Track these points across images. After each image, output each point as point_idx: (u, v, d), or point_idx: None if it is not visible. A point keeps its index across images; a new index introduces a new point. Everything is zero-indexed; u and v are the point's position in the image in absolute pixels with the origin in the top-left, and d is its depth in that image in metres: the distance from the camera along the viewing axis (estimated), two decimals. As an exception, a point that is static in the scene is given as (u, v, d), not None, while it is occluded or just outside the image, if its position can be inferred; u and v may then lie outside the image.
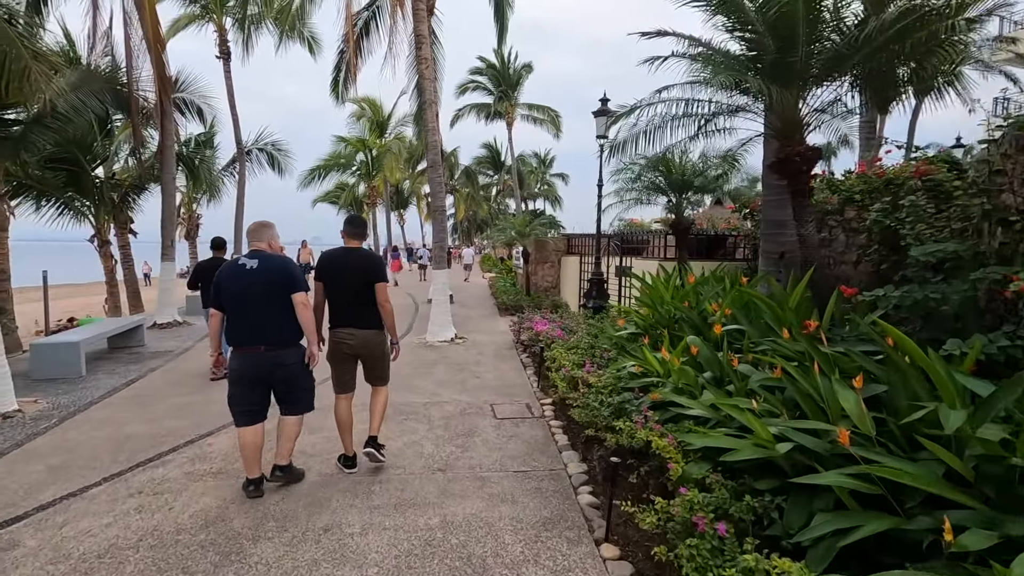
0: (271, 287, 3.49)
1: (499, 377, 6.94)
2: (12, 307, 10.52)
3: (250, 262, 3.51)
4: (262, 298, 3.47)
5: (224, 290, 3.52)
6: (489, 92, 34.86)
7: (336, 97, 17.88)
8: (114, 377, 6.79)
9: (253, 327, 3.48)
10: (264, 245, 3.65)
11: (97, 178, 13.96)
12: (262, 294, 3.47)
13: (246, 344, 3.49)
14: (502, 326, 11.34)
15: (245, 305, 3.48)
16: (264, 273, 3.49)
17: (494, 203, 60.17)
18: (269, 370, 3.52)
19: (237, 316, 3.51)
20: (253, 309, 3.47)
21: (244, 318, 3.49)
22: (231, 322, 3.54)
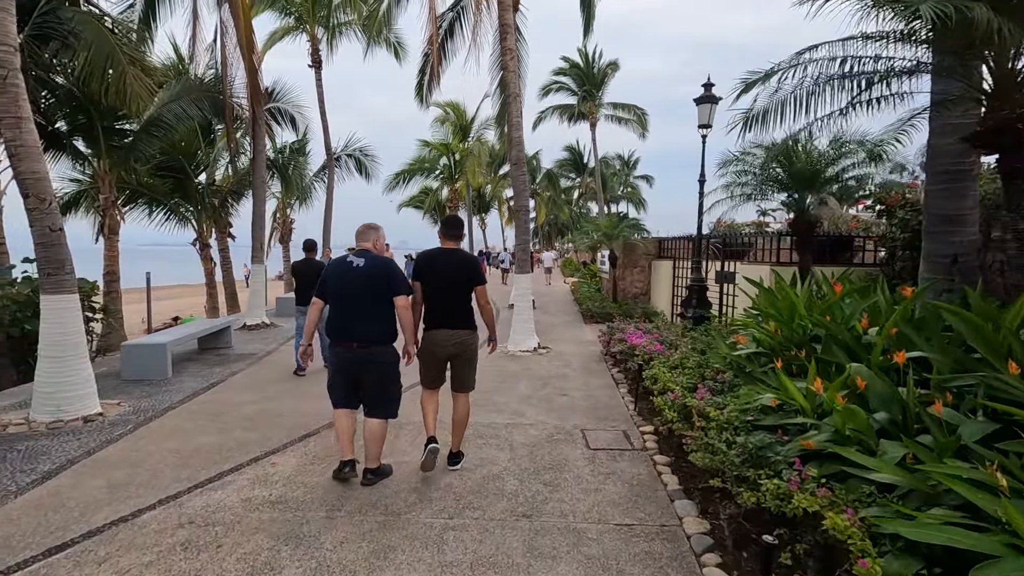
0: (373, 287, 3.59)
1: (589, 396, 6.16)
2: (120, 307, 11.13)
3: (357, 260, 3.64)
4: (362, 296, 3.58)
5: (330, 284, 3.68)
6: (572, 93, 34.09)
7: (420, 100, 17.87)
8: (196, 380, 6.73)
9: (350, 323, 3.59)
10: (369, 245, 3.75)
11: (199, 184, 14.70)
12: (363, 292, 3.58)
13: (342, 338, 3.62)
14: (588, 335, 10.53)
15: (346, 301, 3.61)
16: (368, 272, 3.60)
17: (575, 206, 59.17)
18: (360, 367, 3.62)
19: (337, 310, 3.65)
20: (353, 306, 3.59)
21: (343, 313, 3.61)
22: (331, 315, 3.68)
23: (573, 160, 48.14)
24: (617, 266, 13.53)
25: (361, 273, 3.60)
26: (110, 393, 6.05)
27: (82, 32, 6.91)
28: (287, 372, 7.24)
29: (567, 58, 33.31)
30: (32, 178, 4.79)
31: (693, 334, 7.17)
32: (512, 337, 8.89)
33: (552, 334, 10.47)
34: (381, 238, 3.87)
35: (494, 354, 8.21)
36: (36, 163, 4.81)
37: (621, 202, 57.16)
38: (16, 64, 4.68)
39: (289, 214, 21.28)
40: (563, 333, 10.73)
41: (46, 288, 4.96)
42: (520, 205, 9.05)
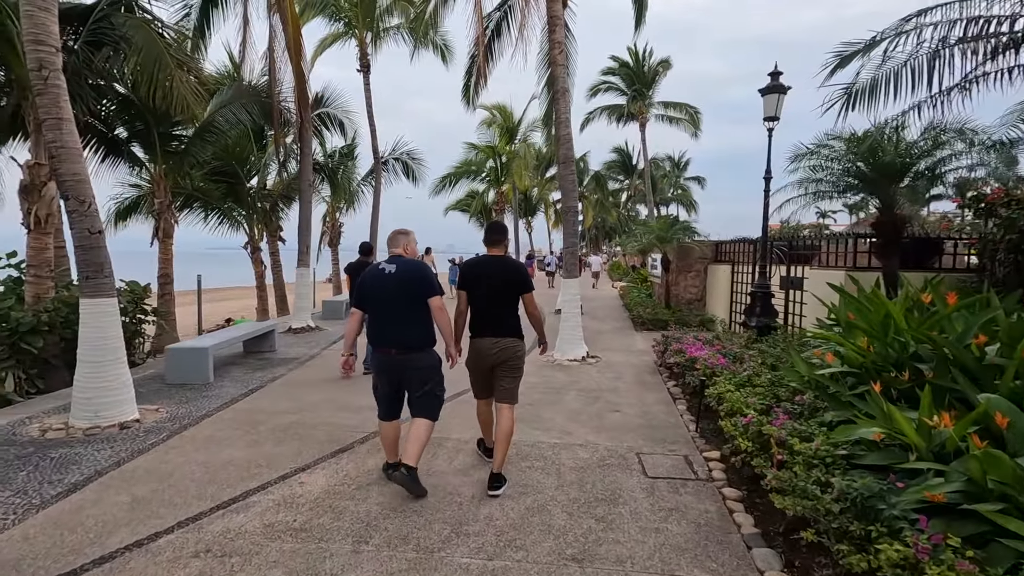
0: (406, 291, 3.58)
1: (643, 412, 5.63)
2: (173, 309, 11.35)
3: (389, 266, 3.64)
4: (397, 302, 3.57)
5: (365, 292, 3.68)
6: (621, 92, 33.33)
7: (467, 102, 17.68)
8: (237, 385, 6.61)
9: (388, 330, 3.59)
10: (400, 250, 3.77)
11: (251, 189, 14.96)
12: (398, 298, 3.57)
13: (382, 345, 3.63)
14: (639, 343, 9.93)
15: (382, 308, 3.61)
16: (401, 277, 3.59)
17: (623, 209, 58.16)
18: (401, 372, 3.63)
19: (375, 318, 3.66)
20: (389, 312, 3.59)
21: (381, 320, 3.62)
22: (370, 323, 3.70)
23: (621, 162, 47.20)
24: (670, 270, 12.83)
25: (394, 278, 3.60)
26: (151, 398, 5.99)
27: (133, 37, 6.97)
28: (327, 378, 7.05)
29: (616, 57, 32.58)
30: (72, 180, 4.72)
31: (760, 346, 6.52)
32: (559, 346, 8.42)
33: (601, 342, 9.94)
34: (412, 242, 3.87)
35: (540, 364, 7.85)
36: (76, 165, 4.74)
37: (671, 204, 55.72)
38: (58, 65, 4.61)
39: (338, 218, 21.53)
40: (613, 341, 10.17)
41: (85, 291, 4.89)
42: (568, 206, 8.59)
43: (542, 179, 43.08)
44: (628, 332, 11.43)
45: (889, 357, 3.84)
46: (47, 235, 7.08)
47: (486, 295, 3.80)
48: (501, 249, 3.95)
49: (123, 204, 13.37)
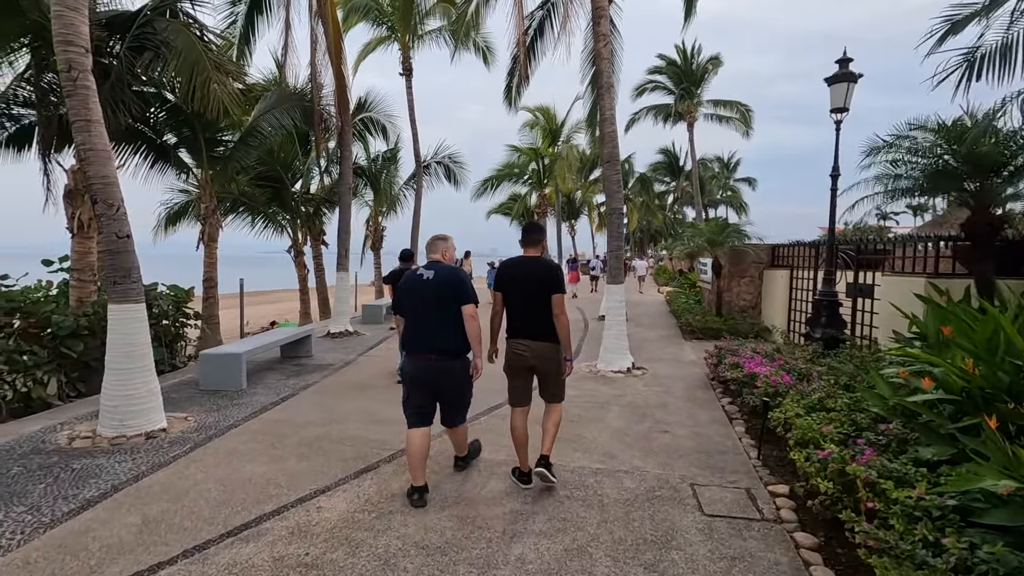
0: (442, 297, 3.58)
1: (697, 434, 5.09)
2: (217, 312, 11.47)
3: (427, 272, 3.66)
4: (434, 308, 3.58)
5: (403, 298, 3.75)
6: (668, 91, 32.39)
7: (508, 104, 17.40)
8: (269, 393, 6.45)
9: (425, 335, 3.59)
10: (439, 256, 3.77)
11: (295, 193, 15.10)
12: (434, 304, 3.58)
13: (418, 351, 3.62)
14: (689, 354, 9.31)
15: (419, 314, 3.63)
16: (437, 283, 3.60)
17: (669, 212, 56.78)
18: (436, 378, 3.62)
19: (412, 324, 3.68)
20: (426, 318, 3.59)
21: (418, 326, 3.63)
22: (407, 329, 3.74)
23: (668, 163, 46.00)
24: (722, 276, 12.08)
25: (431, 285, 3.61)
26: (183, 404, 5.88)
27: (173, 41, 6.97)
28: (360, 386, 6.82)
29: (663, 55, 31.67)
30: (101, 183, 4.62)
31: (829, 362, 5.85)
32: (602, 355, 7.94)
33: (647, 351, 9.37)
34: (451, 248, 3.87)
35: (582, 375, 7.39)
36: (105, 167, 4.64)
37: (719, 206, 54.03)
38: (87, 66, 4.53)
39: (380, 221, 21.62)
40: (660, 351, 9.58)
41: (113, 297, 4.78)
42: (613, 207, 8.10)
43: (585, 181, 42.44)
44: (676, 341, 10.80)
45: (1000, 382, 3.21)
46: (90, 239, 7.14)
47: (521, 296, 3.78)
48: (537, 250, 3.91)
49: (172, 209, 13.72)
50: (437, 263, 3.73)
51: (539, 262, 3.84)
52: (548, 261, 4.00)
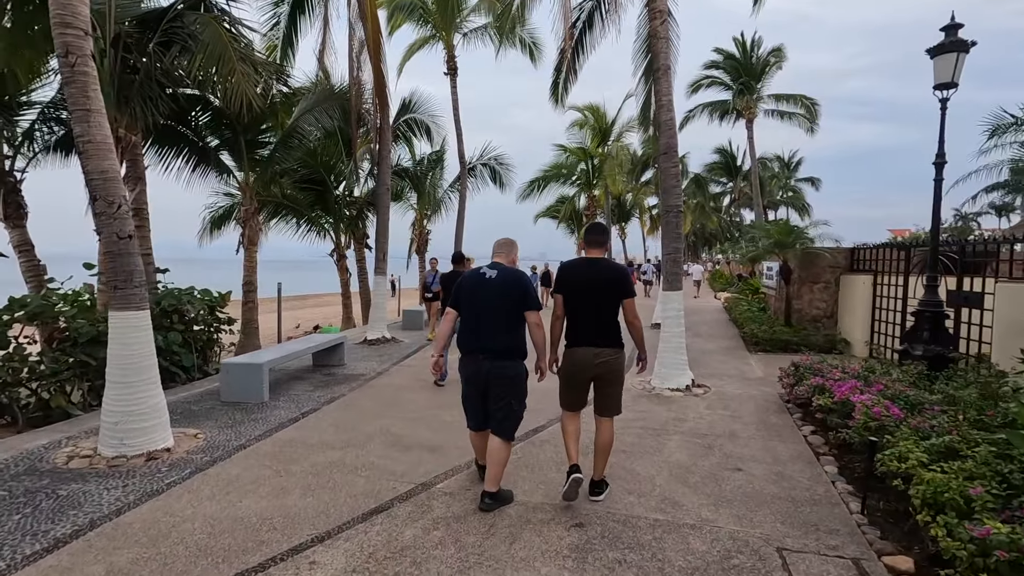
0: (505, 300, 3.48)
1: (777, 474, 4.19)
2: (256, 316, 11.26)
3: (490, 272, 3.56)
4: (494, 309, 3.48)
5: (462, 296, 3.60)
6: (726, 87, 30.84)
7: (555, 101, 16.67)
8: (290, 407, 5.96)
9: (480, 336, 3.49)
10: (504, 259, 3.67)
11: (338, 196, 14.89)
12: (495, 305, 3.48)
13: (472, 351, 3.53)
14: (756, 369, 8.28)
15: (478, 313, 3.51)
16: (501, 285, 3.50)
17: (725, 215, 54.59)
18: (488, 379, 3.49)
19: (468, 323, 3.56)
20: (484, 318, 3.49)
21: (474, 326, 3.53)
22: (462, 327, 3.61)
23: (724, 163, 44.02)
24: (791, 281, 10.89)
25: (493, 285, 3.51)
26: (199, 418, 5.46)
27: (201, 34, 6.67)
28: (388, 402, 6.24)
29: (720, 49, 30.18)
30: (100, 178, 4.22)
31: (942, 388, 4.79)
32: (658, 370, 7.06)
33: (708, 365, 8.40)
34: (516, 254, 3.76)
35: (636, 394, 6.55)
36: (105, 161, 4.23)
37: (780, 208, 51.41)
38: (87, 50, 4.13)
39: (426, 225, 21.31)
40: (722, 365, 8.58)
41: (113, 303, 4.37)
42: (670, 205, 7.22)
43: (637, 183, 41.13)
44: (739, 353, 9.73)
45: None
46: (118, 242, 6.88)
47: (585, 301, 3.56)
48: (602, 251, 3.73)
49: (217, 213, 13.74)
50: (500, 265, 3.62)
51: (605, 264, 3.66)
52: (615, 263, 3.83)
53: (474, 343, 3.52)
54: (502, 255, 3.69)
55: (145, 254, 9.08)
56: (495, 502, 3.51)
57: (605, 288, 3.55)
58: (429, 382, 7.17)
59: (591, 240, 3.76)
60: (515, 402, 3.52)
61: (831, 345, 9.87)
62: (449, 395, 6.42)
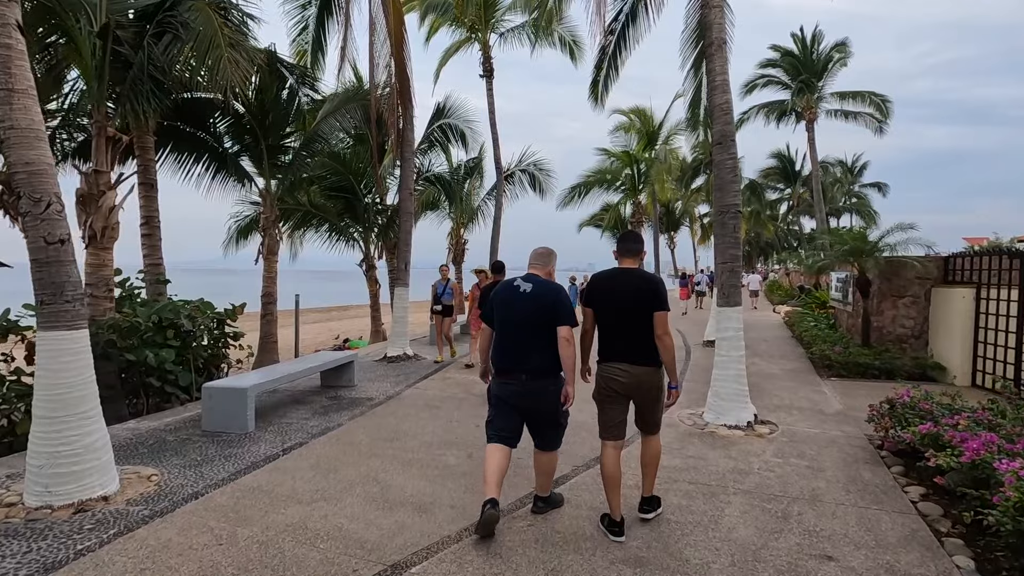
0: (540, 314, 3.31)
1: (887, 568, 2.98)
2: (275, 330, 10.70)
3: (525, 284, 3.38)
4: (529, 324, 3.31)
5: (496, 310, 3.44)
6: (783, 86, 29.01)
7: (595, 100, 15.63)
8: (274, 440, 5.15)
9: (516, 353, 3.33)
10: (544, 272, 3.48)
11: (367, 204, 14.31)
12: (530, 320, 3.31)
13: (508, 370, 3.35)
14: (832, 400, 6.92)
15: (512, 329, 3.36)
16: (535, 298, 3.33)
17: (782, 223, 51.81)
18: (526, 401, 3.34)
19: (503, 339, 3.40)
20: (519, 334, 3.33)
21: (509, 342, 3.37)
22: (496, 344, 3.45)
23: (781, 168, 41.70)
24: (870, 295, 9.38)
25: (528, 298, 3.34)
26: (166, 454, 4.71)
27: (193, 21, 6.09)
28: (388, 436, 5.34)
29: (778, 46, 28.44)
30: (24, 171, 3.52)
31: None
32: (712, 402, 5.87)
33: (772, 393, 7.11)
34: (554, 264, 3.58)
35: (683, 431, 5.42)
36: (31, 151, 3.53)
37: (843, 215, 48.30)
38: (9, 18, 3.45)
39: (463, 234, 20.58)
40: (790, 393, 7.26)
41: (40, 322, 3.64)
42: (726, 204, 6.03)
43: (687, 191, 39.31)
44: (809, 379, 8.34)
45: None
46: (106, 250, 6.36)
47: (616, 314, 3.38)
48: (635, 261, 3.51)
49: (244, 222, 13.40)
50: (535, 276, 3.44)
51: (638, 275, 3.44)
52: (648, 274, 3.55)
53: (509, 362, 3.33)
54: (538, 266, 3.49)
55: (154, 265, 8.64)
56: (547, 505, 3.57)
57: (637, 300, 3.32)
58: (440, 410, 6.26)
59: (624, 249, 3.51)
60: (562, 419, 3.46)
61: (921, 371, 8.33)
62: (459, 430, 5.47)
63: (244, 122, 10.19)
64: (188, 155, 9.93)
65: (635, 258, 3.49)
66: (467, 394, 7.13)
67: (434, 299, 9.74)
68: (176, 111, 9.41)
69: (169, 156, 9.87)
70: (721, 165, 6.07)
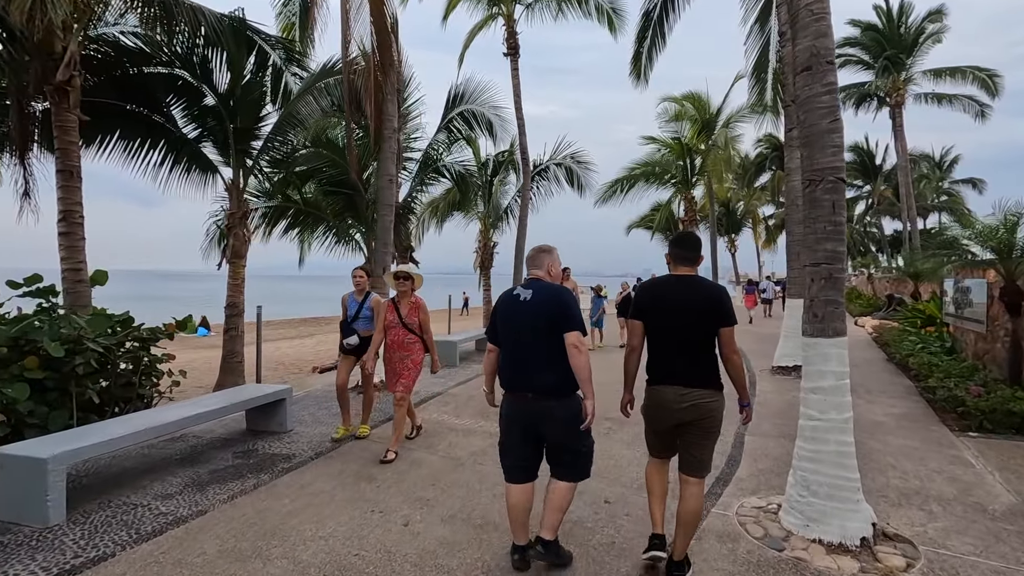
0: (543, 322, 2.93)
1: None
2: (241, 348, 9.00)
3: (524, 292, 3.03)
4: (532, 334, 2.95)
5: (498, 323, 3.12)
6: (865, 66, 25.53)
7: (637, 76, 13.37)
8: (84, 544, 3.25)
9: (521, 368, 2.97)
10: (543, 273, 3.10)
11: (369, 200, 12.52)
12: (532, 330, 2.95)
13: (514, 388, 3.01)
14: (988, 481, 4.36)
15: (515, 342, 3.01)
16: (537, 305, 2.97)
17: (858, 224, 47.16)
18: (538, 422, 2.94)
19: (507, 354, 3.06)
20: (522, 347, 2.98)
21: (513, 357, 3.02)
22: (502, 361, 3.10)
23: (860, 162, 37.63)
24: (1023, 311, 6.63)
25: (529, 306, 2.97)
26: None
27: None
28: (264, 536, 3.32)
29: (857, 21, 25.04)
30: None
31: None
32: (795, 496, 3.50)
33: (881, 462, 4.64)
34: (556, 263, 3.14)
35: (743, 555, 3.13)
36: None
37: (930, 215, 43.28)
38: None
39: (492, 236, 18.56)
40: (914, 463, 4.74)
41: None
42: (820, 168, 3.63)
43: (749, 190, 35.75)
44: (934, 433, 5.72)
45: None
46: None
47: (671, 329, 2.93)
48: (693, 268, 3.02)
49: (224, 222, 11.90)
50: (537, 281, 3.06)
51: (698, 284, 2.97)
52: (710, 283, 3.04)
53: (516, 378, 2.97)
54: (538, 268, 3.09)
55: (73, 269, 7.08)
56: (548, 553, 2.93)
57: (698, 313, 2.89)
58: (372, 485, 4.20)
59: (679, 255, 3.02)
60: (581, 443, 2.95)
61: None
62: (374, 535, 3.40)
63: (204, 103, 8.61)
64: (140, 142, 8.43)
65: (692, 264, 3.04)
66: (428, 453, 5.05)
67: (343, 325, 5.56)
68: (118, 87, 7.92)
69: (118, 143, 8.40)
70: (810, 104, 3.70)
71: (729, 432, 5.37)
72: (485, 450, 5.06)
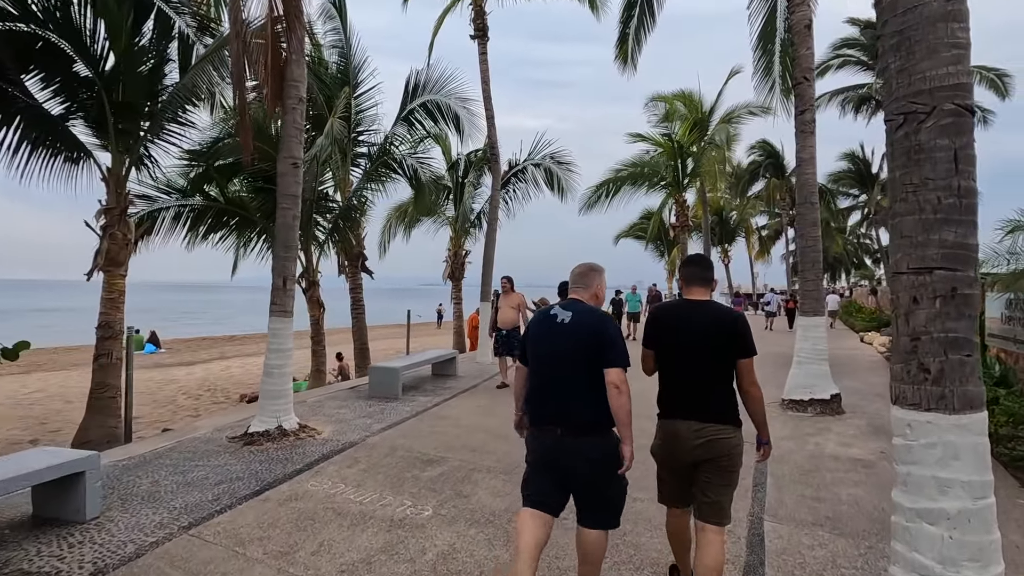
0: (581, 351, 2.52)
1: None
2: (116, 379, 7.11)
3: (563, 314, 2.64)
4: (567, 364, 2.55)
5: (530, 346, 2.72)
6: (864, 67, 24.24)
7: (623, 60, 11.71)
8: None
9: (552, 401, 2.59)
10: (588, 295, 2.73)
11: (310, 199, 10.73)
12: (568, 358, 2.55)
13: (542, 422, 2.62)
14: None
15: (547, 369, 2.62)
16: (576, 331, 2.56)
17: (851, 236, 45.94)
18: (562, 459, 2.54)
19: (536, 382, 2.66)
20: (555, 376, 2.58)
21: (543, 386, 2.63)
22: (530, 389, 2.70)
23: (855, 171, 36.18)
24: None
25: (567, 331, 2.58)
26: None
27: None
28: None
29: (856, 19, 23.73)
30: None
31: None
32: None
33: None
34: (602, 285, 2.80)
35: None
36: None
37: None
38: None
39: (463, 244, 16.82)
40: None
41: None
42: (939, 78, 1.97)
43: (743, 198, 34.32)
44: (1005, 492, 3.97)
45: None
46: None
47: (685, 357, 2.64)
48: (707, 291, 2.75)
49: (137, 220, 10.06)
50: (578, 303, 2.67)
51: (713, 309, 2.67)
52: (726, 309, 2.75)
53: (544, 411, 2.58)
54: (580, 289, 2.74)
55: None
56: None
57: (714, 341, 2.59)
58: None
59: (692, 276, 2.75)
60: (614, 487, 2.57)
61: None
62: None
63: (73, 69, 6.83)
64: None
65: (707, 287, 2.74)
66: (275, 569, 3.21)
67: None
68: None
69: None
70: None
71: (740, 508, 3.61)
72: (371, 559, 3.23)
